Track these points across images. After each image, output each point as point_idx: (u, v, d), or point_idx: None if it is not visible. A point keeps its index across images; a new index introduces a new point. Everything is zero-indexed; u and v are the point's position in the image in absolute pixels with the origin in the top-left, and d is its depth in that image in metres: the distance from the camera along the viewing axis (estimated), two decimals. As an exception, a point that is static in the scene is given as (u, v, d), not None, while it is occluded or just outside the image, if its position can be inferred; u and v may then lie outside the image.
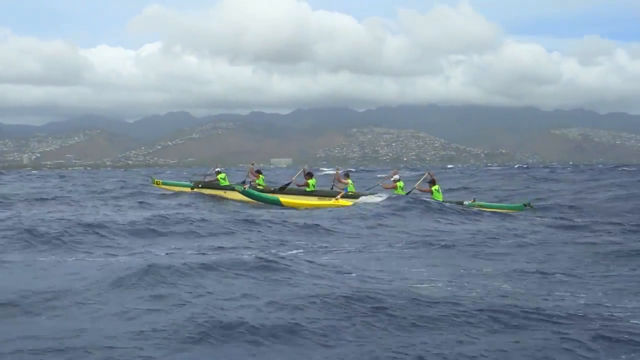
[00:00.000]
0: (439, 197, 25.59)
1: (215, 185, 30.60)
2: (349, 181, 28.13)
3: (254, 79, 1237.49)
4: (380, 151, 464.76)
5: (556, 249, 13.26)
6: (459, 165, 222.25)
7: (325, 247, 13.74)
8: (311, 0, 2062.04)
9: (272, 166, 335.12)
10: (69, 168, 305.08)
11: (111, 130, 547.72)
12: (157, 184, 33.83)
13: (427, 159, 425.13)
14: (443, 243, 14.00)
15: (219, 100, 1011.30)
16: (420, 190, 26.62)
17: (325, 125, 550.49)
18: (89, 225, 15.57)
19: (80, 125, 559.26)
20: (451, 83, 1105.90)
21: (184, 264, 10.07)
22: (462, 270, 10.81)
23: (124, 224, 16.27)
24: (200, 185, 31.12)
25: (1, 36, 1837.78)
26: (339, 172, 30.03)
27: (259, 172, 30.37)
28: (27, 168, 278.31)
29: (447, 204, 24.10)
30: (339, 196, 26.21)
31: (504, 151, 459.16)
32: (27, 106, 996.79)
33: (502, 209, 25.43)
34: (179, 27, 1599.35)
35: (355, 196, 26.28)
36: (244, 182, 30.06)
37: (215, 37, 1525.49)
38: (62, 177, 79.95)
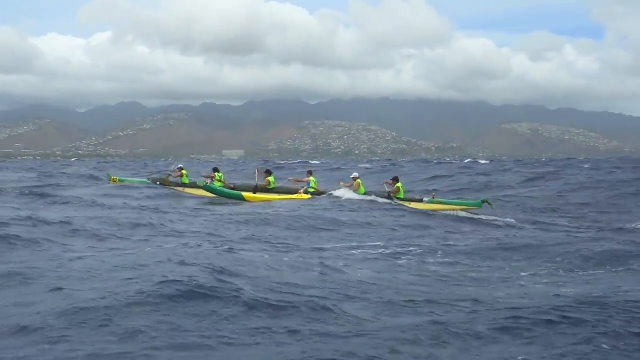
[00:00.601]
0: (402, 194, 26.72)
1: (173, 183, 30.73)
2: (312, 178, 28.56)
3: (206, 70, 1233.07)
4: (333, 144, 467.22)
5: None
6: (410, 159, 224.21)
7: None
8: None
9: (224, 158, 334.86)
10: (18, 157, 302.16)
11: (61, 120, 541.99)
12: (114, 180, 33.09)
13: (379, 152, 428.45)
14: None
15: (171, 90, 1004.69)
16: (386, 183, 27.99)
17: (277, 118, 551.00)
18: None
19: (29, 114, 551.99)
20: (403, 77, 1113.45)
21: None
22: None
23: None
24: (158, 183, 31.12)
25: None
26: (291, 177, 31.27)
27: (216, 169, 30.30)
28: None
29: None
30: (301, 190, 26.94)
31: (455, 145, 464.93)
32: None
33: (461, 206, 26.88)
34: (130, 16, 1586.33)
35: (318, 194, 27.13)
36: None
37: (166, 27, 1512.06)
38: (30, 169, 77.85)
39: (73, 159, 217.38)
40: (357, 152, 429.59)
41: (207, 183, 27.93)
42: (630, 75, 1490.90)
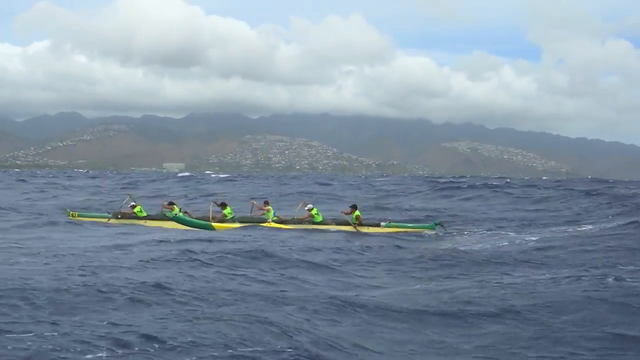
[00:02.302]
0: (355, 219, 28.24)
1: (134, 216, 30.20)
2: (269, 207, 29.39)
3: (146, 82, 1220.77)
4: (273, 158, 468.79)
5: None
6: (351, 175, 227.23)
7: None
8: (204, 5, 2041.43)
9: (164, 171, 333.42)
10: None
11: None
12: (73, 216, 31.08)
13: (320, 167, 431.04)
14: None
15: (110, 101, 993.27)
16: (344, 214, 28.90)
17: (218, 131, 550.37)
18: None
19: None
20: (343, 93, 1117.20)
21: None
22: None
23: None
24: (119, 217, 30.24)
25: None
26: (255, 203, 31.90)
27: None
28: None
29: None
30: (269, 220, 28.08)
31: (395, 162, 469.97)
32: None
33: (415, 229, 28.99)
34: (69, 25, 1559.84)
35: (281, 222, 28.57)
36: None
37: (105, 37, 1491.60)
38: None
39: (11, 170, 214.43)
40: (297, 167, 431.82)
41: (175, 214, 28.27)
42: (567, 97, 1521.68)
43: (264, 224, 27.72)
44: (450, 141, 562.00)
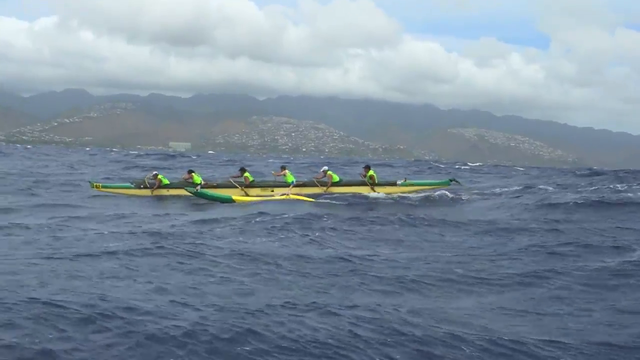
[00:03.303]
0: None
1: (158, 185, 30.31)
2: (287, 172, 30.24)
3: (152, 60, 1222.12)
4: (280, 140, 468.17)
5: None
6: (358, 158, 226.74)
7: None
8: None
9: (170, 150, 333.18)
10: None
11: (5, 104, 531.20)
12: (97, 187, 30.91)
13: (326, 150, 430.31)
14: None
15: (117, 79, 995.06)
16: (361, 176, 30.00)
17: (225, 111, 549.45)
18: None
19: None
20: (349, 76, 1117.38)
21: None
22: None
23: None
24: (142, 186, 30.44)
25: None
26: (273, 171, 33.75)
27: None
28: None
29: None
30: (289, 190, 28.27)
31: (401, 147, 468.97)
32: None
33: (431, 186, 29.66)
34: (76, 1, 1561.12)
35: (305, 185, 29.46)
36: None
37: (113, 14, 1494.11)
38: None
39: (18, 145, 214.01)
40: (304, 149, 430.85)
41: (196, 189, 28.04)
42: (575, 86, 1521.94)
43: (283, 195, 27.65)
44: (456, 127, 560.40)
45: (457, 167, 70.51)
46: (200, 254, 12.48)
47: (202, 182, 29.82)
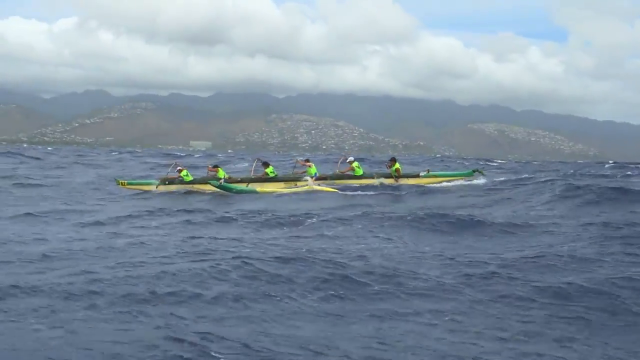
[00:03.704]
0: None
1: (181, 181, 30.67)
2: (311, 164, 30.77)
3: (171, 60, 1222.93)
4: (300, 138, 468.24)
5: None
6: (378, 155, 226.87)
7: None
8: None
9: (191, 149, 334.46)
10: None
11: (27, 106, 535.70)
12: (122, 184, 31.24)
13: (346, 147, 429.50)
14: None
15: (136, 79, 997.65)
16: (387, 167, 30.87)
17: (245, 110, 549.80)
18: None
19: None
20: (368, 73, 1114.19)
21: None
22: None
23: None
24: (167, 182, 30.78)
25: None
26: (299, 159, 34.48)
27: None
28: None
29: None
30: (310, 181, 28.77)
31: (421, 143, 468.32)
32: None
33: (454, 177, 30.03)
34: (95, 1, 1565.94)
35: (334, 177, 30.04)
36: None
37: (131, 15, 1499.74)
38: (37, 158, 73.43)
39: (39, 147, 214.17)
40: (324, 147, 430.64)
41: (220, 182, 28.64)
42: (594, 80, 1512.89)
43: (306, 186, 28.01)
44: (476, 122, 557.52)
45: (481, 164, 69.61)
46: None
47: (227, 177, 30.41)
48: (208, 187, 29.14)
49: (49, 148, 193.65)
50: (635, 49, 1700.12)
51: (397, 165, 30.13)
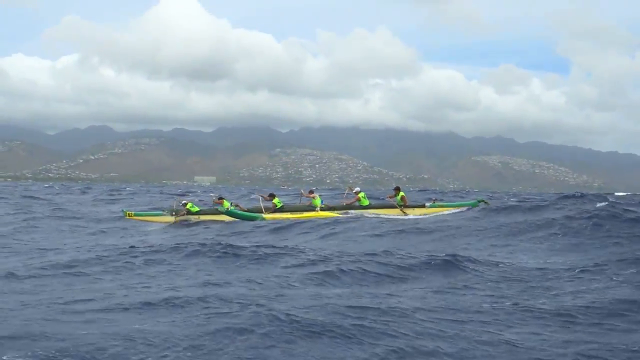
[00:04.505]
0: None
1: (188, 212, 30.71)
2: (315, 195, 30.44)
3: (172, 95, 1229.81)
4: (304, 172, 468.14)
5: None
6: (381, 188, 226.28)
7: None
8: (231, 18, 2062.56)
9: (195, 184, 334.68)
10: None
11: (31, 142, 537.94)
12: (130, 215, 31.45)
13: (351, 181, 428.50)
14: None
15: (139, 115, 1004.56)
16: (389, 198, 30.31)
17: (248, 145, 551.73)
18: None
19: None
20: (370, 106, 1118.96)
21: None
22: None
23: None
24: (173, 213, 30.94)
25: None
26: (302, 190, 34.16)
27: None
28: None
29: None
30: (317, 208, 28.65)
31: (425, 176, 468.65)
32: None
33: (459, 207, 29.50)
34: (96, 38, 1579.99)
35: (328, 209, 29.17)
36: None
37: (132, 51, 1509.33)
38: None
39: (47, 184, 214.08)
40: (328, 180, 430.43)
41: (227, 209, 29.14)
42: (597, 110, 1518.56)
43: (312, 213, 27.84)
44: (480, 155, 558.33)
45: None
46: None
47: (233, 207, 30.23)
48: (214, 217, 29.46)
49: (48, 184, 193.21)
50: (636, 79, 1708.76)
51: (402, 193, 29.55)
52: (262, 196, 31.27)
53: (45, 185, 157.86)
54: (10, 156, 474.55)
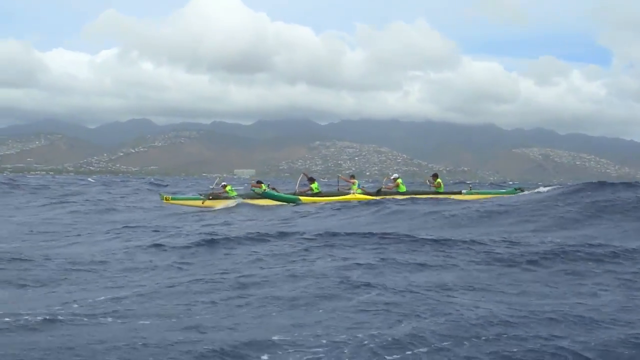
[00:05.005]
0: (442, 189, 30.01)
1: (226, 196, 30.87)
2: (355, 181, 30.66)
3: (211, 88, 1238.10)
4: (343, 165, 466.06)
5: None
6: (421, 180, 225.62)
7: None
8: (269, 11, 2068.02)
9: (235, 177, 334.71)
10: (31, 172, 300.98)
11: (72, 136, 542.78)
12: (167, 199, 31.80)
13: (390, 174, 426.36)
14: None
15: (179, 108, 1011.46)
16: (428, 182, 31.23)
17: (288, 137, 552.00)
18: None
19: (40, 129, 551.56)
20: (409, 98, 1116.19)
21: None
22: None
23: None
24: (210, 197, 30.92)
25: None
26: (341, 176, 34.58)
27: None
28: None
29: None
30: (353, 191, 28.95)
31: (465, 169, 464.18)
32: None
33: (497, 194, 28.84)
34: (136, 33, 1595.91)
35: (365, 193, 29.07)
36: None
37: (172, 44, 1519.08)
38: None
39: (93, 177, 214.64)
40: (367, 173, 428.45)
41: (264, 190, 29.25)
42: (639, 102, 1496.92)
43: (349, 196, 28.19)
44: (520, 147, 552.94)
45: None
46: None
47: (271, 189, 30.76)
48: (252, 201, 29.57)
49: (90, 178, 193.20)
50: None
51: (439, 180, 30.43)
52: (305, 174, 31.60)
53: (117, 179, 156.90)
54: (51, 150, 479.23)
